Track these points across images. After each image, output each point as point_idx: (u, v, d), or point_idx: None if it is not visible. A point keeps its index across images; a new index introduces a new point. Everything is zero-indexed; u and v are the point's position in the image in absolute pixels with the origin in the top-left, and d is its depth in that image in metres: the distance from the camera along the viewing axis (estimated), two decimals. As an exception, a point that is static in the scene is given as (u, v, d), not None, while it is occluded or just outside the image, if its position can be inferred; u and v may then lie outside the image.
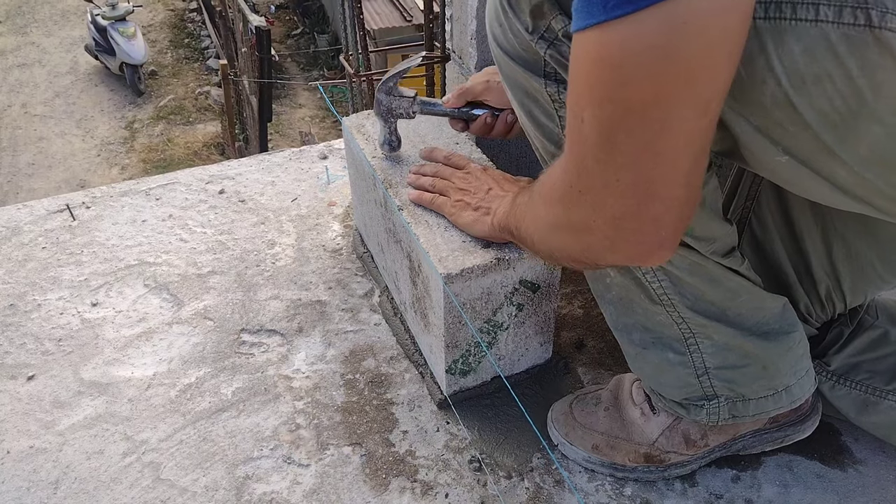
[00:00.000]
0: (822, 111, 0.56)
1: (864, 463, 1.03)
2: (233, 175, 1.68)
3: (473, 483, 1.01)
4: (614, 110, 0.55)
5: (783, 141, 0.61)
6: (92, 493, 1.00)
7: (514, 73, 0.79)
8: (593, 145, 0.58)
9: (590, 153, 0.59)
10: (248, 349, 1.23)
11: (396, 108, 1.10)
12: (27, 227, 1.52)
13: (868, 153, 0.58)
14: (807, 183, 0.66)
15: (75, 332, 1.27)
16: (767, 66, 0.56)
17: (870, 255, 0.89)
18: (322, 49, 11.13)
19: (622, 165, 0.57)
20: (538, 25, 0.71)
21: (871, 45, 0.52)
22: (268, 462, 1.04)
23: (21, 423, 1.11)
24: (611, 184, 0.59)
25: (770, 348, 0.86)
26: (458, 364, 1.07)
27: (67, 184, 8.50)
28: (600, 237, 0.64)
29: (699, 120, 0.55)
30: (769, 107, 0.59)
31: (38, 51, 11.20)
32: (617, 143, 0.56)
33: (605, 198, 0.60)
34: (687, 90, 0.52)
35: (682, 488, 0.99)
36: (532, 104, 0.80)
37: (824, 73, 0.54)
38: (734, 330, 0.84)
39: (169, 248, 1.46)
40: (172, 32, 12.07)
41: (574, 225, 0.67)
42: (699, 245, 0.78)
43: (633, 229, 0.61)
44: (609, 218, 0.62)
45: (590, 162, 0.60)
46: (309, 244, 1.47)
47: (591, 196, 0.62)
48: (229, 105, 8.83)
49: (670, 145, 0.55)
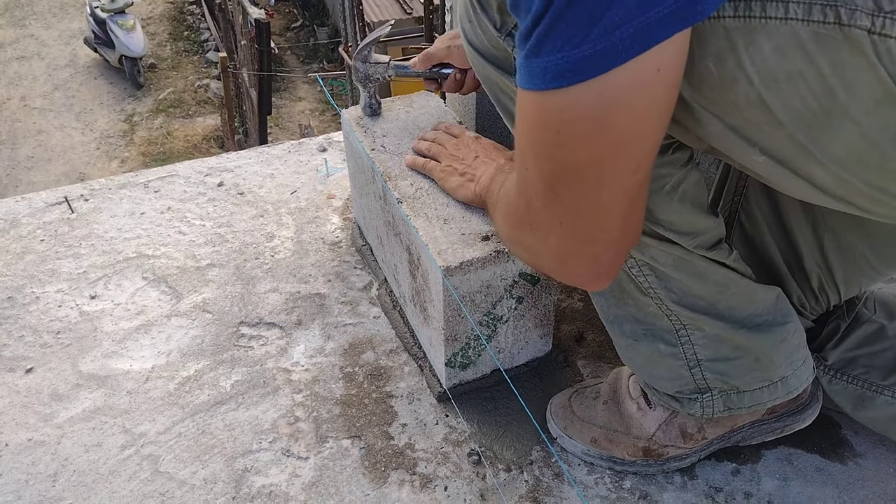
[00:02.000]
0: (795, 110, 0.56)
1: (863, 456, 1.03)
2: (232, 168, 1.67)
3: (472, 476, 1.01)
4: (554, 168, 0.60)
5: (759, 141, 0.61)
6: (90, 486, 1.00)
7: (485, 70, 0.79)
8: (537, 193, 0.64)
9: (535, 198, 0.65)
10: (246, 342, 1.23)
11: (373, 73, 1.17)
12: (25, 220, 1.51)
13: (843, 153, 0.57)
14: (787, 182, 0.65)
15: (74, 325, 1.26)
16: (738, 65, 0.56)
17: (861, 247, 0.88)
18: (322, 42, 11.10)
19: (564, 213, 0.64)
20: (506, 22, 0.71)
21: (840, 42, 0.52)
22: (267, 455, 1.04)
23: (19, 415, 1.10)
24: (554, 226, 0.65)
25: (762, 340, 0.85)
26: (457, 357, 1.06)
27: (67, 177, 8.49)
28: (547, 263, 0.72)
29: (632, 176, 0.60)
30: (742, 106, 0.58)
31: (36, 43, 11.17)
32: (558, 193, 0.62)
33: (549, 235, 0.67)
34: (618, 154, 0.58)
35: (681, 481, 0.99)
36: (506, 99, 0.80)
37: (796, 72, 0.54)
38: (724, 323, 0.84)
39: (167, 241, 1.45)
40: (171, 25, 12.03)
41: (526, 247, 0.74)
42: (682, 240, 0.78)
43: (575, 264, 0.69)
44: (554, 252, 0.69)
45: (536, 204, 0.66)
46: (308, 237, 1.46)
47: (539, 231, 0.68)
48: (229, 98, 8.81)
49: (606, 198, 0.61)
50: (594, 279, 0.71)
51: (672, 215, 0.76)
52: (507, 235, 0.80)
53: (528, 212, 0.68)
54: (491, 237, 0.99)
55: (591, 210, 0.62)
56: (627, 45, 0.51)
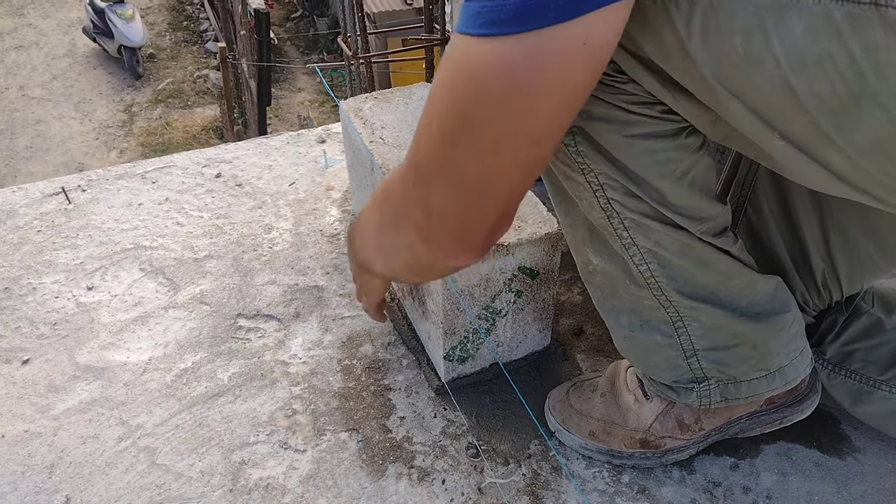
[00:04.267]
0: (821, 95, 0.55)
1: (862, 451, 1.02)
2: (230, 159, 1.67)
3: (470, 469, 1.00)
4: (457, 119, 0.59)
5: (779, 125, 0.60)
6: (87, 478, 1.00)
7: None
8: (434, 145, 0.63)
9: (430, 152, 0.64)
10: (244, 334, 1.23)
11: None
12: (22, 211, 1.50)
13: (866, 142, 0.56)
14: (803, 169, 0.64)
15: (70, 316, 1.26)
16: (767, 45, 0.54)
17: (867, 244, 0.87)
18: (321, 32, 11.06)
19: (454, 171, 0.62)
20: None
21: (876, 24, 0.50)
22: (264, 447, 1.04)
23: (16, 407, 1.10)
24: (440, 185, 0.64)
25: (760, 329, 0.84)
26: (456, 351, 1.06)
27: (66, 167, 8.47)
28: (420, 233, 0.69)
29: (530, 149, 0.59)
30: (766, 89, 0.57)
31: (35, 33, 11.12)
32: (454, 151, 0.61)
33: (432, 194, 0.65)
34: (522, 122, 0.57)
35: (680, 476, 0.99)
36: None
37: (826, 55, 0.52)
38: (723, 311, 0.83)
39: (165, 232, 1.44)
40: (171, 15, 11.98)
41: (398, 219, 0.72)
42: (689, 224, 0.77)
43: (448, 229, 0.67)
44: (432, 213, 0.66)
45: (427, 159, 0.65)
46: (306, 229, 1.45)
47: (421, 191, 0.66)
48: (228, 89, 8.78)
49: (499, 164, 0.60)
50: (463, 249, 0.69)
51: (681, 199, 0.75)
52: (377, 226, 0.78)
53: (416, 171, 0.67)
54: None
55: (482, 174, 0.61)
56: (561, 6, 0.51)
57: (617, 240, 0.80)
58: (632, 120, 0.72)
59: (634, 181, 0.74)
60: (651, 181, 0.73)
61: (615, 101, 0.72)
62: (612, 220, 0.78)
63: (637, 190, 0.74)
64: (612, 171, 0.76)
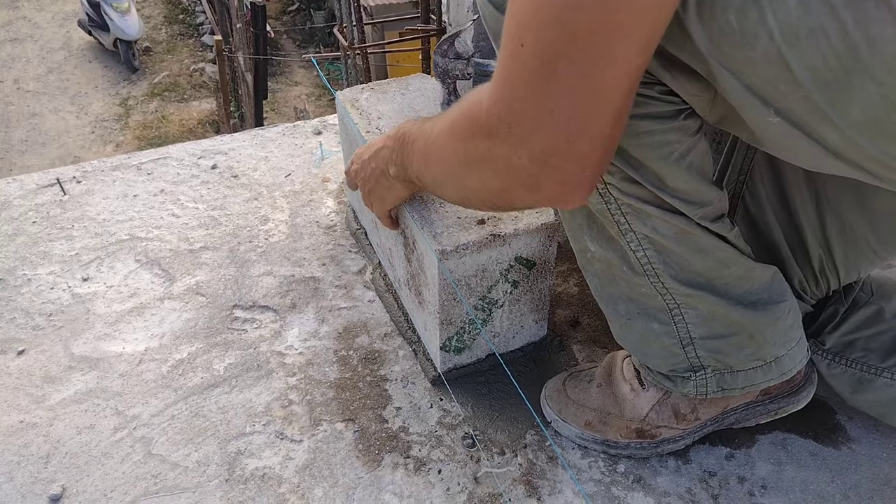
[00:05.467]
0: (814, 68, 0.55)
1: (857, 441, 1.03)
2: (225, 150, 1.66)
3: (466, 459, 1.01)
4: (559, 34, 0.54)
5: (774, 101, 0.60)
6: (83, 468, 1.00)
7: (498, 25, 0.77)
8: (531, 72, 0.57)
9: (527, 81, 0.58)
10: (240, 325, 1.22)
11: (452, 69, 1.12)
12: (17, 202, 1.50)
13: (860, 115, 0.56)
14: (798, 146, 0.64)
15: (66, 307, 1.25)
16: (761, 19, 0.54)
17: (863, 229, 0.88)
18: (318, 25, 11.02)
19: (558, 95, 0.56)
20: None
21: None
22: (260, 437, 1.04)
23: (11, 397, 1.10)
24: (543, 116, 0.58)
25: (757, 318, 0.85)
26: (452, 341, 1.06)
27: (62, 160, 8.44)
28: (523, 175, 0.63)
29: (638, 57, 0.55)
30: (761, 64, 0.57)
31: (30, 25, 11.06)
32: (557, 70, 0.55)
33: (534, 131, 0.59)
34: (634, 22, 0.53)
35: (675, 465, 0.99)
36: None
37: (818, 27, 0.52)
38: (720, 299, 0.83)
39: (160, 224, 1.44)
40: (167, 8, 11.92)
41: (495, 161, 0.65)
42: (687, 209, 0.77)
43: (558, 166, 0.61)
44: (536, 153, 0.60)
45: (524, 91, 0.58)
46: (302, 220, 1.45)
47: (520, 129, 0.60)
48: (224, 82, 8.75)
49: (609, 79, 0.55)
50: (577, 187, 0.63)
51: (679, 183, 0.75)
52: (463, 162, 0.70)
53: (510, 108, 0.60)
54: (486, 220, 0.98)
55: (590, 92, 0.56)
56: None
57: (614, 225, 0.80)
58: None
59: (632, 165, 0.74)
60: (649, 164, 0.73)
61: None
62: (609, 206, 0.78)
63: (635, 174, 0.74)
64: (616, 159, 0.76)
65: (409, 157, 0.83)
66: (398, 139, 0.85)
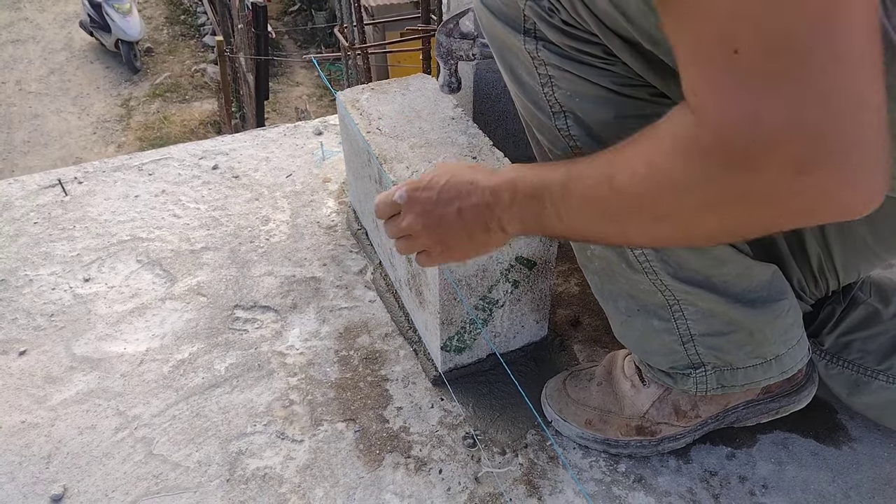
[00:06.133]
0: None
1: (858, 441, 1.03)
2: (227, 150, 1.66)
3: (467, 459, 1.01)
4: (786, 24, 0.45)
5: None
6: (84, 468, 1.00)
7: (494, 28, 0.78)
8: (768, 77, 0.47)
9: (764, 89, 0.47)
10: (241, 325, 1.23)
11: (457, 49, 1.08)
12: (18, 202, 1.50)
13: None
14: None
15: (67, 308, 1.26)
16: None
17: (862, 231, 0.88)
18: (319, 26, 11.02)
19: (819, 82, 0.46)
20: None
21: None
22: (261, 438, 1.04)
23: (13, 398, 1.10)
24: (816, 111, 0.46)
25: (757, 315, 0.84)
26: (453, 341, 1.06)
27: (63, 161, 8.45)
28: (805, 198, 0.50)
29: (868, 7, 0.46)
30: None
31: (31, 26, 11.07)
32: (803, 56, 0.45)
33: (814, 138, 0.47)
34: None
35: (676, 465, 0.99)
36: (514, 59, 0.79)
37: None
38: (719, 296, 0.83)
39: (162, 224, 1.44)
40: (168, 9, 11.93)
41: (758, 192, 0.51)
42: None
43: (856, 163, 0.48)
44: (831, 164, 0.48)
45: (770, 99, 0.47)
46: (303, 220, 1.45)
47: (791, 144, 0.47)
48: (226, 83, 8.75)
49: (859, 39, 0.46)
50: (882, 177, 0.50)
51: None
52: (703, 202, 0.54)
53: (758, 126, 0.47)
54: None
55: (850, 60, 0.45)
56: None
57: None
58: (621, 101, 0.72)
59: None
60: None
61: (604, 83, 0.72)
62: None
63: None
64: None
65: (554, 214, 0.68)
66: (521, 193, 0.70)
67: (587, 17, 0.68)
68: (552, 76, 0.76)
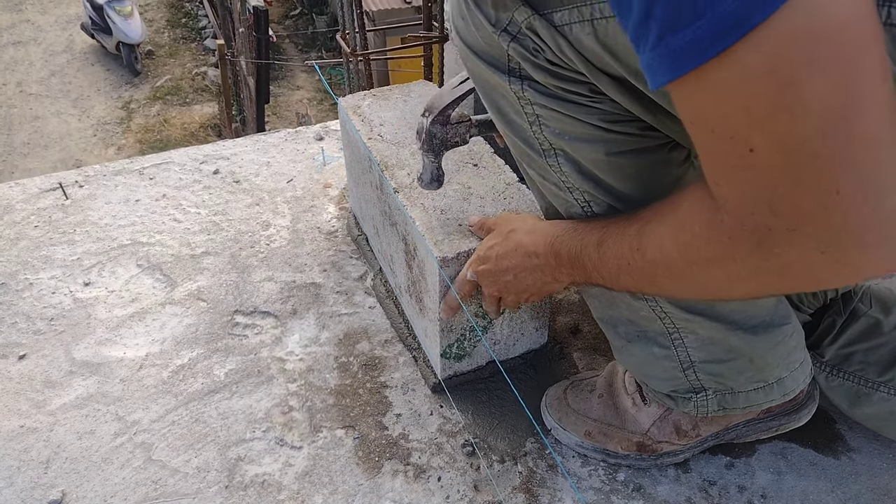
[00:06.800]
0: None
1: (857, 451, 1.03)
2: (228, 155, 1.66)
3: (466, 467, 1.01)
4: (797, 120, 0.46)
5: None
6: (83, 473, 1.00)
7: (478, 69, 0.77)
8: (786, 170, 0.48)
9: (785, 181, 0.49)
10: (241, 331, 1.23)
11: (452, 137, 0.95)
12: (19, 206, 1.50)
13: None
14: None
15: (67, 312, 1.26)
16: None
17: None
18: (320, 30, 11.04)
19: (835, 173, 0.47)
20: (501, 18, 0.69)
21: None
22: (260, 444, 1.04)
23: (12, 402, 1.10)
24: (830, 202, 0.48)
25: (757, 342, 0.84)
26: (452, 348, 1.06)
27: (63, 163, 8.45)
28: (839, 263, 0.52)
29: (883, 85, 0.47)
30: None
31: (33, 28, 11.09)
32: (817, 151, 0.47)
33: (831, 221, 0.49)
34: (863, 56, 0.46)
35: (675, 474, 0.99)
36: (500, 99, 0.79)
37: None
38: (719, 324, 0.83)
39: (162, 228, 1.44)
40: (169, 12, 11.95)
41: (788, 268, 0.54)
42: None
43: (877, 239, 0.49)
44: (847, 240, 0.50)
45: (788, 189, 0.49)
46: (304, 226, 1.45)
47: (812, 229, 0.50)
48: (226, 86, 8.76)
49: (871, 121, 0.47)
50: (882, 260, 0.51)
51: None
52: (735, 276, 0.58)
53: (777, 214, 0.50)
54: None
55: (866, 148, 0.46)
56: None
57: None
58: (611, 138, 0.72)
59: (619, 198, 0.74)
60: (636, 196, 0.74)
61: (592, 121, 0.72)
62: None
63: (621, 206, 0.75)
64: (597, 191, 0.76)
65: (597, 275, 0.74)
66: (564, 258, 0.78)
67: (573, 56, 0.67)
68: (539, 115, 0.75)
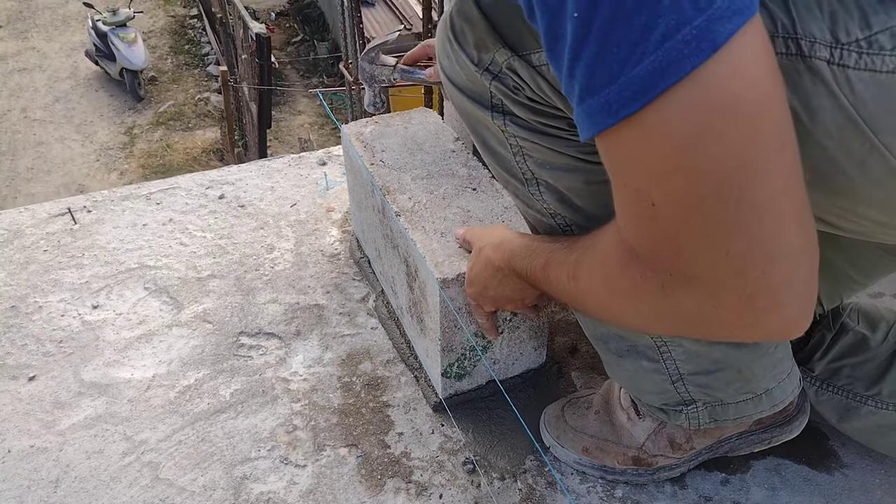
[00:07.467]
0: None
1: (850, 467, 1.05)
2: (233, 180, 1.70)
3: (467, 484, 1.03)
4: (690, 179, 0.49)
5: None
6: (92, 492, 1.02)
7: (463, 104, 0.82)
8: (682, 225, 0.51)
9: (682, 235, 0.51)
10: (246, 352, 1.25)
11: (378, 74, 1.21)
12: (29, 231, 1.53)
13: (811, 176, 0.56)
14: None
15: (76, 334, 1.28)
16: None
17: (839, 261, 0.91)
18: (322, 56, 11.17)
19: (726, 234, 0.50)
20: (483, 59, 0.74)
21: (803, 72, 0.55)
22: (265, 462, 1.06)
23: (22, 422, 1.12)
24: (721, 261, 0.51)
25: (742, 353, 0.86)
26: (453, 368, 1.08)
27: (66, 188, 8.52)
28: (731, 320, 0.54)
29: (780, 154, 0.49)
30: None
31: (38, 56, 11.23)
32: (709, 211, 0.49)
33: (721, 279, 0.52)
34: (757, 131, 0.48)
35: (671, 490, 1.01)
36: (485, 131, 0.83)
37: None
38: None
39: (169, 252, 1.48)
40: (173, 38, 12.11)
41: (687, 314, 0.57)
42: None
43: (767, 304, 0.52)
44: (737, 299, 0.52)
45: (686, 244, 0.52)
46: (307, 249, 1.49)
47: (705, 283, 0.53)
48: (229, 111, 8.86)
49: (763, 195, 0.49)
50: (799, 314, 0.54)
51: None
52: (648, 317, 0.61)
53: (675, 264, 0.53)
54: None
55: (757, 215, 0.49)
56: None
57: None
58: (590, 168, 0.76)
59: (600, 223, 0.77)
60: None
61: (571, 153, 0.76)
62: None
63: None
64: (577, 217, 0.80)
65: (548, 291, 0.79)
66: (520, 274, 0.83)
67: (551, 93, 0.71)
68: (522, 147, 0.80)
